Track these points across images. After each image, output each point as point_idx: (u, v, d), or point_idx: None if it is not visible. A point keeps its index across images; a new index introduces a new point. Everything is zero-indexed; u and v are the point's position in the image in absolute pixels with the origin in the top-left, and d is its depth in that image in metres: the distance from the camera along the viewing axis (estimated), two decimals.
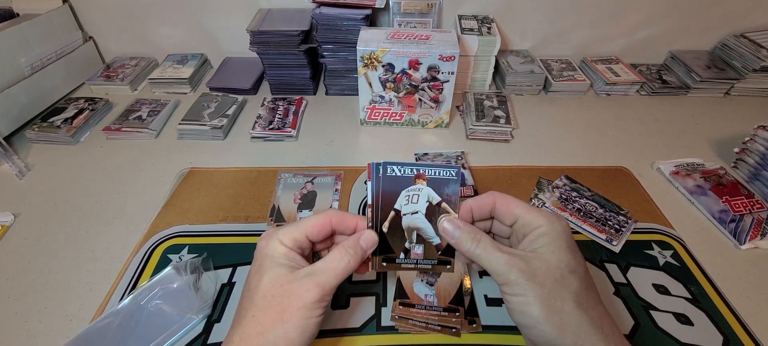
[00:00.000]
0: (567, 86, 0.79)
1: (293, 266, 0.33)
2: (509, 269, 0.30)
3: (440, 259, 0.36)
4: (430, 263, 0.37)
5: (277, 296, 0.31)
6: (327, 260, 0.33)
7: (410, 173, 0.35)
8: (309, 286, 0.31)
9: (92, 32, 0.87)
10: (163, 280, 0.44)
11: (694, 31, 0.84)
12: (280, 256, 0.33)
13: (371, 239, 0.35)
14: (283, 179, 0.58)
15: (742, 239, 0.49)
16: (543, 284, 0.29)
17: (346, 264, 0.33)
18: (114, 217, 0.54)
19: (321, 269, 0.32)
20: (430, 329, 0.40)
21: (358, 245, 0.34)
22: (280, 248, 0.33)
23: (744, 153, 0.60)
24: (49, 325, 0.42)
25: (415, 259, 0.36)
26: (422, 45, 0.61)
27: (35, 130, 0.67)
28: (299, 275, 0.32)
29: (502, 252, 0.31)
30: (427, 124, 0.70)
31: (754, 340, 0.39)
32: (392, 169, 0.35)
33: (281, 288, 0.31)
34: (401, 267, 0.37)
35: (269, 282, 0.31)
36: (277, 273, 0.32)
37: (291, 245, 0.33)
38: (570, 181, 0.57)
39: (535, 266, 0.30)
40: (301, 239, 0.34)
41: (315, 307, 0.31)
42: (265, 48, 0.73)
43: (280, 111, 0.72)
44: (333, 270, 0.32)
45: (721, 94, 0.79)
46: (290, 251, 0.33)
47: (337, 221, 0.36)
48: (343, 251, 0.33)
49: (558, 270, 0.30)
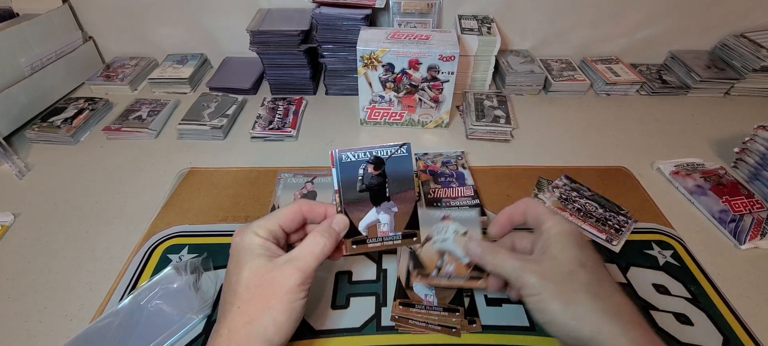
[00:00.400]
0: (567, 86, 0.79)
1: (271, 255, 0.34)
2: (523, 272, 0.32)
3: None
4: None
5: (260, 285, 0.32)
6: (303, 246, 0.34)
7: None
8: (290, 271, 0.32)
9: (92, 32, 0.87)
10: (163, 280, 0.44)
11: (694, 31, 0.84)
12: (256, 247, 0.34)
13: (343, 222, 0.37)
14: (283, 179, 0.58)
15: (742, 238, 0.49)
16: (555, 280, 0.31)
17: (322, 247, 0.34)
18: (114, 217, 0.54)
19: (299, 255, 0.34)
20: (430, 329, 0.40)
21: (331, 229, 0.36)
22: (256, 240, 0.34)
23: (744, 153, 0.60)
24: (49, 325, 0.42)
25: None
26: (422, 45, 0.61)
27: (35, 130, 0.67)
28: (278, 262, 0.33)
29: (517, 259, 0.33)
30: (427, 124, 0.70)
31: (754, 340, 0.39)
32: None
33: (263, 277, 0.32)
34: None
35: (250, 273, 0.32)
36: (257, 264, 0.33)
37: (265, 235, 0.34)
38: (570, 181, 0.57)
39: (546, 266, 0.32)
40: (275, 229, 0.35)
41: (299, 290, 0.32)
42: (264, 48, 0.73)
43: (280, 111, 0.72)
44: (311, 253, 0.34)
45: (721, 94, 0.79)
46: (266, 241, 0.34)
47: (307, 209, 0.38)
48: (317, 236, 0.35)
49: (567, 266, 0.31)
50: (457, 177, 0.58)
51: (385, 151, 0.38)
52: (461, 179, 0.57)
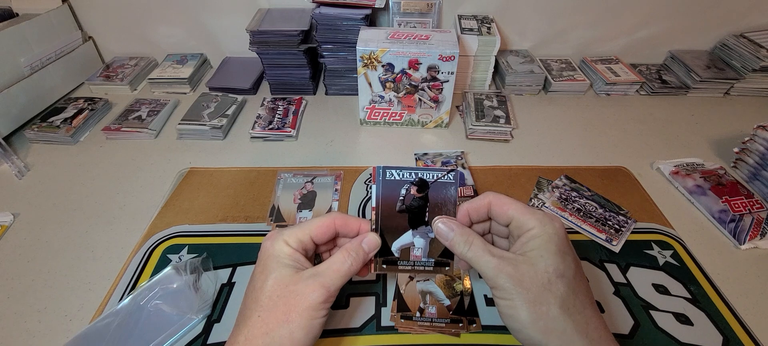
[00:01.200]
0: (567, 86, 0.79)
1: (298, 267, 0.33)
2: (498, 274, 0.31)
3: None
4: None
5: (283, 296, 0.31)
6: (331, 262, 0.33)
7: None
8: (314, 286, 0.31)
9: (92, 32, 0.87)
10: (163, 280, 0.44)
11: (694, 31, 0.84)
12: (285, 257, 0.33)
13: (373, 242, 0.35)
14: (282, 179, 0.58)
15: (742, 238, 0.49)
16: (529, 288, 0.30)
17: (350, 266, 0.33)
18: (113, 217, 0.54)
19: (325, 271, 0.33)
20: (430, 329, 0.40)
21: (360, 248, 0.35)
22: (285, 249, 0.33)
23: (743, 153, 0.60)
24: (48, 325, 0.42)
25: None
26: (422, 45, 0.61)
27: (35, 130, 0.67)
28: (304, 275, 0.32)
29: (493, 256, 0.32)
30: (427, 124, 0.70)
31: (753, 340, 0.39)
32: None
33: (286, 289, 0.31)
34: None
35: (274, 283, 0.32)
36: (282, 274, 0.32)
37: (296, 246, 0.34)
38: (570, 181, 0.57)
39: (523, 271, 0.30)
40: (306, 240, 0.34)
41: (320, 308, 0.31)
42: (264, 48, 0.73)
43: (279, 111, 0.72)
44: (337, 272, 0.33)
45: (720, 94, 0.79)
46: (295, 252, 0.34)
47: (340, 224, 0.36)
48: (346, 254, 0.34)
49: (545, 275, 0.30)
50: (457, 177, 0.57)
51: (432, 175, 0.36)
52: (461, 179, 0.57)
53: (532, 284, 0.30)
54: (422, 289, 0.43)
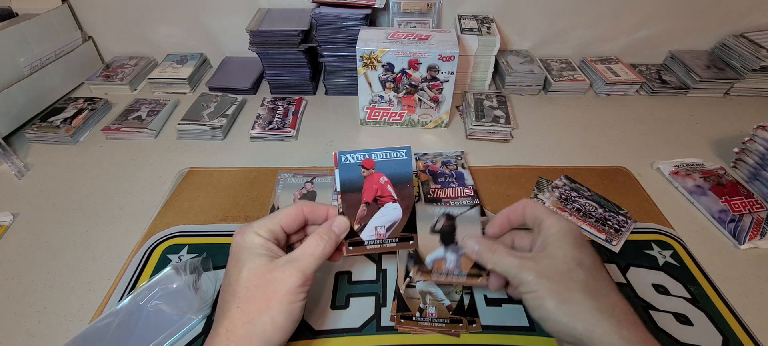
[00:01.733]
0: (566, 86, 0.79)
1: (271, 255, 0.34)
2: (521, 270, 0.33)
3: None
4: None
5: (260, 285, 0.32)
6: (304, 247, 0.34)
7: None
8: (291, 271, 0.32)
9: (91, 32, 0.87)
10: (163, 280, 0.44)
11: (694, 31, 0.84)
12: (257, 247, 0.34)
13: (343, 224, 0.37)
14: (282, 179, 0.58)
15: (742, 238, 0.49)
16: (552, 277, 0.31)
17: (323, 248, 0.35)
18: (113, 217, 0.54)
19: (300, 255, 0.34)
20: (430, 329, 0.40)
21: (331, 231, 0.36)
22: (257, 239, 0.34)
23: (743, 153, 0.60)
24: (48, 325, 0.42)
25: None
26: (422, 45, 0.61)
27: (34, 130, 0.67)
28: (279, 263, 0.33)
29: (515, 257, 0.34)
30: (427, 124, 0.70)
31: (753, 340, 0.39)
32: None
33: (263, 277, 0.32)
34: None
35: (250, 273, 0.32)
36: (257, 264, 0.33)
37: (267, 236, 0.35)
38: (570, 181, 0.57)
39: (544, 264, 0.32)
40: (276, 229, 0.35)
41: (298, 291, 0.32)
42: (264, 48, 0.73)
43: (279, 111, 0.72)
44: (312, 255, 0.34)
45: (720, 94, 0.79)
46: (267, 241, 0.34)
47: (308, 211, 0.38)
48: (318, 238, 0.35)
49: (565, 264, 0.32)
50: (457, 177, 0.58)
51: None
52: (461, 178, 0.57)
53: (553, 273, 0.31)
54: (422, 289, 0.43)
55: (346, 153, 0.38)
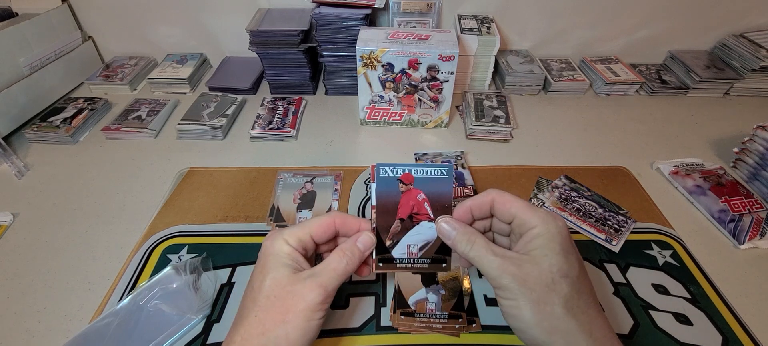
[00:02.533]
0: (566, 86, 0.79)
1: (296, 267, 0.33)
2: (501, 274, 0.31)
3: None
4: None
5: (280, 296, 0.31)
6: (327, 262, 0.33)
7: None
8: (312, 286, 0.31)
9: (91, 32, 0.87)
10: (163, 280, 0.44)
11: (694, 31, 0.84)
12: (284, 256, 0.33)
13: (368, 241, 0.35)
14: (282, 179, 0.58)
15: (742, 238, 0.49)
16: (533, 289, 0.29)
17: (346, 265, 0.33)
18: (113, 217, 0.54)
19: (322, 271, 0.33)
20: (430, 329, 0.40)
21: (355, 247, 0.35)
22: (285, 248, 0.33)
23: (743, 153, 0.60)
24: (48, 325, 0.42)
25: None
26: (422, 45, 0.61)
27: (34, 130, 0.67)
28: (302, 276, 0.32)
29: (496, 256, 0.31)
30: (427, 123, 0.70)
31: (753, 340, 0.40)
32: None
33: (284, 289, 0.31)
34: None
35: (272, 282, 0.32)
36: (281, 274, 0.32)
37: (296, 245, 0.34)
38: (569, 181, 0.57)
39: (527, 271, 0.30)
40: (306, 239, 0.35)
41: (318, 308, 0.31)
42: (264, 47, 0.73)
43: (279, 111, 0.72)
44: (334, 271, 0.33)
45: (720, 94, 0.79)
46: (294, 251, 0.34)
47: (340, 223, 0.36)
48: (341, 254, 0.34)
49: (549, 275, 0.30)
50: (457, 177, 0.58)
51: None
52: (461, 178, 0.57)
53: (536, 283, 0.30)
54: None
55: (385, 166, 0.36)
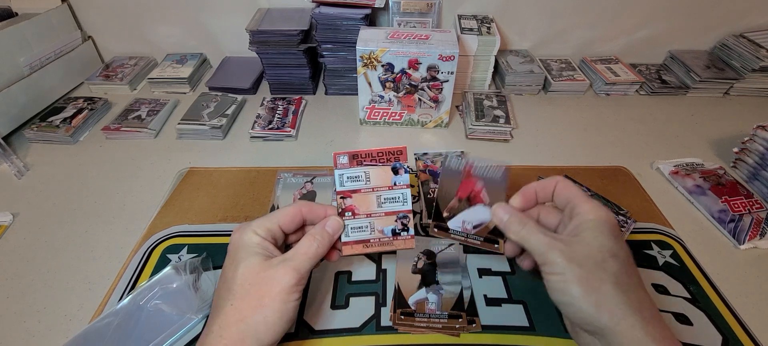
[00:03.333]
0: (566, 86, 0.79)
1: (267, 255, 0.34)
2: (549, 249, 0.32)
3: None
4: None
5: (255, 283, 0.32)
6: (298, 247, 0.35)
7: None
8: (285, 270, 0.33)
9: (91, 32, 0.87)
10: (163, 280, 0.44)
11: (694, 31, 0.84)
12: (254, 245, 0.34)
13: (336, 225, 0.37)
14: (282, 179, 0.58)
15: (742, 238, 0.49)
16: (582, 265, 0.30)
17: (316, 248, 0.35)
18: (113, 217, 0.54)
19: (294, 255, 0.34)
20: (430, 329, 0.40)
21: (324, 231, 0.36)
22: (254, 238, 0.34)
23: (743, 153, 0.60)
24: (48, 325, 0.42)
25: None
26: (422, 45, 0.61)
27: (34, 130, 0.67)
28: (274, 262, 0.33)
29: (545, 235, 0.33)
30: (427, 123, 0.70)
31: (753, 340, 0.40)
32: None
33: (257, 276, 0.32)
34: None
35: (245, 271, 0.33)
36: (253, 262, 0.33)
37: (264, 234, 0.35)
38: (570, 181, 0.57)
39: (576, 250, 0.31)
40: (274, 229, 0.36)
41: (293, 291, 0.32)
42: (264, 47, 0.73)
43: (279, 111, 0.72)
44: (305, 254, 0.34)
45: (720, 94, 0.79)
46: (264, 240, 0.35)
47: (307, 211, 0.38)
48: (311, 238, 0.35)
49: (599, 254, 0.31)
50: None
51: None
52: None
53: (586, 261, 0.31)
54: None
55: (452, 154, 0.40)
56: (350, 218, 0.38)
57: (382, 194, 0.39)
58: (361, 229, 0.38)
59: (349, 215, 0.38)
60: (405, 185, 0.39)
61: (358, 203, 0.38)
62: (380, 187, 0.39)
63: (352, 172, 0.38)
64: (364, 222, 0.38)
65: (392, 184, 0.39)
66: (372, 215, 0.38)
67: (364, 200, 0.38)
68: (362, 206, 0.38)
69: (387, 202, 0.39)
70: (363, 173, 0.39)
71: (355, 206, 0.38)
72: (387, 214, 0.38)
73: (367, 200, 0.38)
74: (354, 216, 0.38)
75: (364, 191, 0.38)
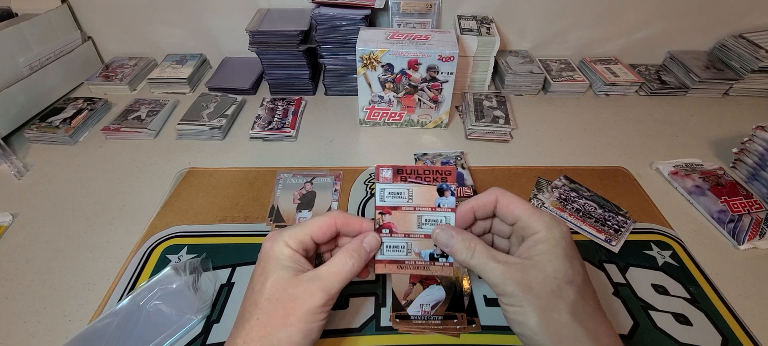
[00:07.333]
0: (566, 86, 0.79)
1: (298, 269, 0.32)
2: (505, 280, 0.30)
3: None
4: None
5: (282, 299, 0.31)
6: (331, 264, 0.33)
7: None
8: (314, 290, 0.31)
9: (91, 32, 0.87)
10: (162, 280, 0.44)
11: (693, 32, 0.84)
12: (285, 258, 0.33)
13: (374, 242, 0.35)
14: (282, 179, 0.58)
15: (741, 239, 0.49)
16: (539, 295, 0.29)
17: (350, 268, 0.33)
18: (113, 217, 0.54)
19: (325, 273, 0.32)
20: (430, 329, 0.40)
21: (361, 248, 0.34)
22: (286, 251, 0.33)
23: (743, 153, 0.60)
24: (47, 325, 0.42)
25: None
26: (421, 45, 0.61)
27: (34, 130, 0.67)
28: (304, 279, 0.32)
29: (498, 262, 0.31)
30: (427, 124, 0.70)
31: (752, 340, 0.40)
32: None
33: (285, 292, 0.31)
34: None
35: (274, 285, 0.31)
36: (282, 276, 0.32)
37: (296, 246, 0.33)
38: (569, 181, 0.57)
39: (532, 277, 0.30)
40: (306, 240, 0.34)
41: (319, 311, 0.31)
42: (264, 48, 0.73)
43: (279, 111, 0.72)
44: (337, 274, 0.32)
45: (719, 95, 0.79)
46: (295, 253, 0.33)
47: (341, 223, 0.36)
48: (346, 255, 0.33)
49: (555, 281, 0.29)
50: (457, 177, 0.58)
51: None
52: (460, 179, 0.57)
53: (542, 290, 0.29)
54: None
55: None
56: (387, 235, 0.35)
57: (423, 215, 0.35)
58: (397, 248, 0.36)
59: (387, 232, 0.35)
60: (449, 207, 0.35)
61: (397, 221, 0.35)
62: (422, 206, 0.35)
63: (394, 187, 0.36)
64: (401, 242, 0.36)
65: (436, 205, 0.35)
66: (410, 235, 0.35)
67: (403, 218, 0.35)
68: (401, 224, 0.35)
69: (428, 223, 0.35)
70: (406, 189, 0.36)
71: (393, 223, 0.35)
72: (426, 236, 0.35)
73: (406, 219, 0.35)
74: (391, 234, 0.35)
75: (404, 209, 0.35)
